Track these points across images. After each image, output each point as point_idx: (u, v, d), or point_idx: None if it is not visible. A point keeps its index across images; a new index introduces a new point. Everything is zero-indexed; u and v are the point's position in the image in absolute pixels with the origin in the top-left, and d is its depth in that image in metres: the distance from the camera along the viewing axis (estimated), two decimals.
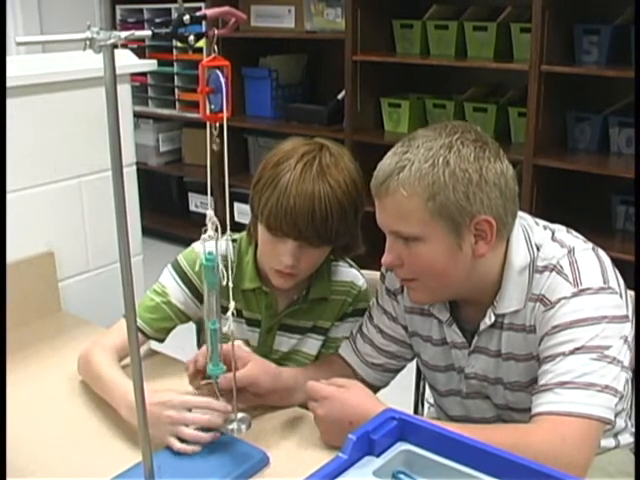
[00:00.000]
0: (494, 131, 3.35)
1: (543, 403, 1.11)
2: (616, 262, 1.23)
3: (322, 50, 3.91)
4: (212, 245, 1.04)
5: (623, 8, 2.92)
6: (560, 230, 1.25)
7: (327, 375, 1.37)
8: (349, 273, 1.47)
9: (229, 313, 1.06)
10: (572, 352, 1.11)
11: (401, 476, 1.05)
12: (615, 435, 1.32)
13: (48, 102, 1.71)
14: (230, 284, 1.05)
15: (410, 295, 1.27)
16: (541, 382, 1.13)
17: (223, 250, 1.08)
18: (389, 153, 1.17)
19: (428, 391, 1.57)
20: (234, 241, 1.43)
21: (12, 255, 1.63)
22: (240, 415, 1.19)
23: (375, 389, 1.42)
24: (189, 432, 1.16)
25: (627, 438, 1.34)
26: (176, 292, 1.42)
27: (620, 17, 2.94)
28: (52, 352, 1.55)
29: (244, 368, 1.24)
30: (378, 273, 1.44)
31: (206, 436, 1.16)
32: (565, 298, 1.14)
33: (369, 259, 1.46)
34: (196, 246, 1.44)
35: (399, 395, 1.60)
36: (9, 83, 1.55)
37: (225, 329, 1.08)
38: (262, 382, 1.26)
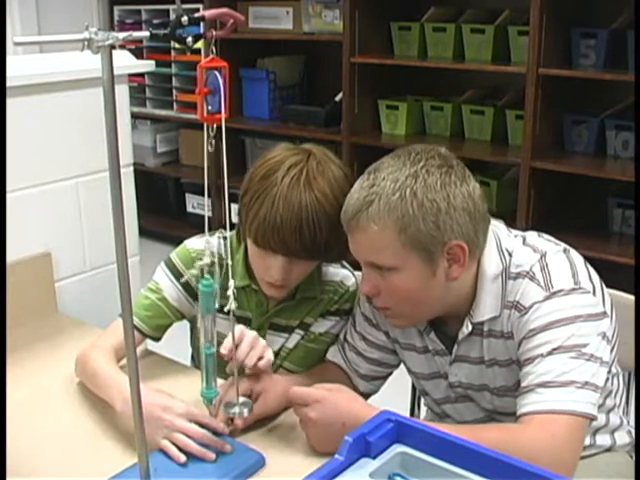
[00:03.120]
0: (491, 134, 3.35)
1: (527, 404, 1.12)
2: (612, 265, 1.24)
3: (320, 52, 3.91)
4: (204, 243, 1.07)
5: (620, 12, 2.93)
6: (531, 235, 1.26)
7: (328, 382, 1.41)
8: (339, 273, 1.47)
9: (230, 291, 1.07)
10: (550, 353, 1.12)
11: (397, 478, 1.05)
12: (612, 432, 1.33)
13: (46, 102, 1.71)
14: (229, 261, 1.09)
15: (390, 321, 1.29)
16: (523, 384, 1.15)
17: (215, 248, 1.09)
18: (355, 186, 1.18)
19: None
20: (225, 239, 1.42)
21: (9, 256, 1.62)
22: (242, 399, 1.20)
23: (365, 397, 1.43)
24: (183, 439, 1.16)
25: (624, 437, 1.34)
26: (170, 289, 1.42)
27: (617, 21, 2.95)
28: (48, 353, 1.55)
29: (259, 402, 1.26)
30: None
31: (197, 447, 1.16)
32: (538, 302, 1.16)
33: None
34: (188, 243, 1.45)
35: (396, 397, 1.60)
36: (6, 83, 1.55)
37: (227, 307, 1.09)
38: (276, 411, 1.29)
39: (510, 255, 1.21)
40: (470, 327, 1.23)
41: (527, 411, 1.11)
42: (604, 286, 1.23)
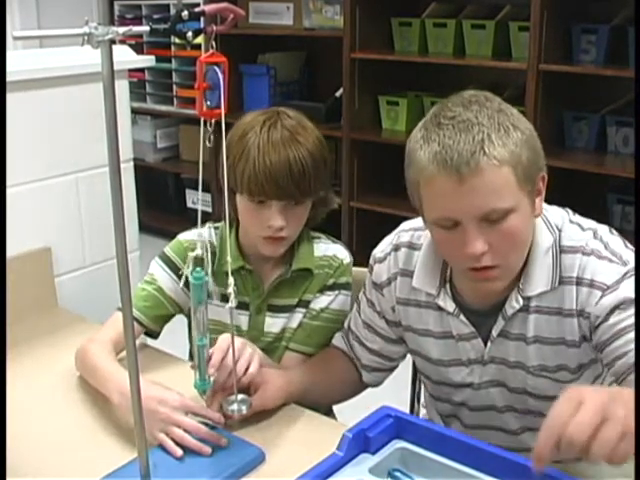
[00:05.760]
0: None
1: None
2: None
3: (320, 47, 3.90)
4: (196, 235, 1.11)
5: (621, 8, 2.92)
6: (569, 212, 1.26)
7: (332, 371, 1.41)
8: (331, 247, 1.49)
9: (230, 289, 1.07)
10: None
11: (397, 474, 1.05)
12: None
13: (45, 97, 1.71)
14: (229, 265, 1.10)
15: (485, 286, 1.20)
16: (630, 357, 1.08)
17: (207, 238, 1.09)
18: (439, 134, 1.09)
19: (423, 395, 1.56)
20: (216, 228, 1.47)
21: (9, 251, 1.62)
22: (240, 396, 1.20)
23: (366, 387, 1.44)
24: (179, 433, 1.17)
25: None
26: (165, 280, 1.44)
27: (618, 17, 2.94)
28: (47, 348, 1.55)
29: (258, 394, 1.26)
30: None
31: (193, 442, 1.16)
32: (624, 277, 1.13)
33: (363, 257, 1.46)
34: (180, 236, 1.48)
35: (395, 394, 1.60)
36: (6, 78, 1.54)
37: (228, 305, 1.09)
38: (275, 404, 1.29)
39: (560, 230, 1.20)
40: (521, 301, 1.19)
41: None
42: None
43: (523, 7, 3.02)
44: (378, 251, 1.37)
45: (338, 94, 3.60)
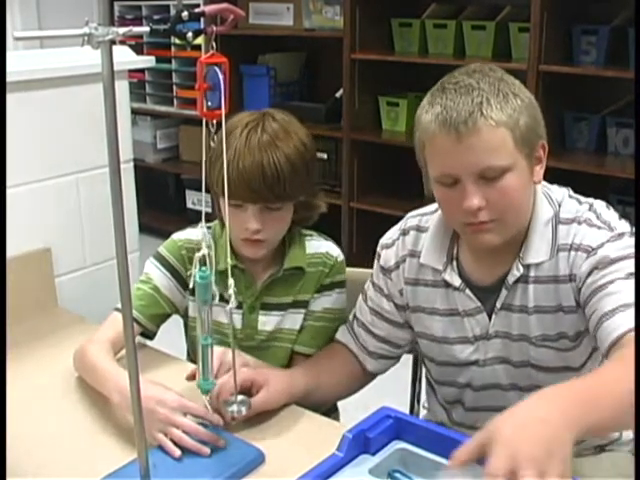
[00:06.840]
0: None
1: (625, 323, 1.06)
2: None
3: (320, 48, 3.91)
4: (194, 233, 1.18)
5: (621, 9, 2.93)
6: (570, 190, 1.30)
7: (335, 367, 1.40)
8: (323, 245, 1.49)
9: (231, 290, 1.08)
10: (628, 277, 1.12)
11: (397, 475, 1.05)
12: None
13: (45, 98, 1.71)
14: (229, 265, 1.10)
15: (481, 239, 1.21)
16: (607, 308, 1.10)
17: (203, 238, 1.10)
18: (444, 98, 1.15)
19: (423, 397, 1.56)
20: (209, 228, 1.46)
21: (9, 251, 1.62)
22: (240, 397, 1.20)
23: (373, 376, 1.45)
24: (178, 434, 1.17)
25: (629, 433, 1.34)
26: (160, 278, 1.45)
27: (618, 18, 2.94)
28: (48, 349, 1.55)
29: (260, 394, 1.26)
30: (372, 271, 1.43)
31: (192, 442, 1.16)
32: (607, 240, 1.17)
33: (363, 257, 1.46)
34: (174, 235, 1.49)
35: (395, 394, 1.60)
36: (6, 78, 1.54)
37: (228, 306, 1.10)
38: (277, 405, 1.29)
39: (559, 204, 1.25)
40: (521, 269, 1.23)
41: (630, 327, 1.05)
42: None
43: (523, 8, 3.02)
44: (385, 238, 1.40)
45: (338, 95, 3.60)
